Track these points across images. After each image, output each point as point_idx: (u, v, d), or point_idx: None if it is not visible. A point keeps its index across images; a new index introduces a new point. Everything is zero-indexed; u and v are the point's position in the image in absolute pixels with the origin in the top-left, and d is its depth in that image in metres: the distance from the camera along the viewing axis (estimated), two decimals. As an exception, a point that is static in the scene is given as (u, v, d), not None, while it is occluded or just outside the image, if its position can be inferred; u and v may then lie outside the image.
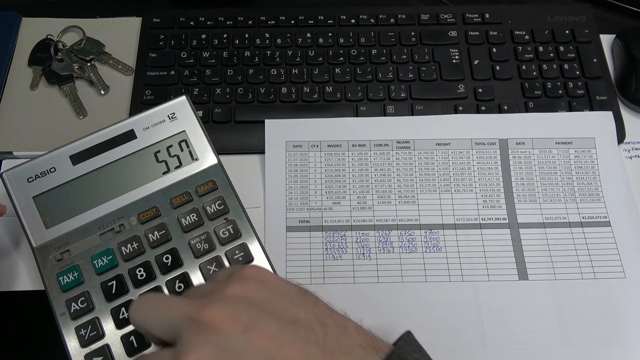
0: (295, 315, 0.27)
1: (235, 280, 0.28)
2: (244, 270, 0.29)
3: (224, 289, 0.28)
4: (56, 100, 0.49)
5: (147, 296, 0.29)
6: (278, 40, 0.51)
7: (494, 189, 0.45)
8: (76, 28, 0.53)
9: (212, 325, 0.25)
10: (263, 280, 0.29)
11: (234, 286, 0.28)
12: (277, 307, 0.27)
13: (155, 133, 0.40)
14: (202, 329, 0.25)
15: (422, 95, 0.49)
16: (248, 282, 0.28)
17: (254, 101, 0.48)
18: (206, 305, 0.26)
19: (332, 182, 0.45)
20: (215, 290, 0.28)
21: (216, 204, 0.38)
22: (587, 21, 0.52)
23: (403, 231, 0.43)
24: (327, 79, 0.49)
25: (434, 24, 0.52)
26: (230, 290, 0.27)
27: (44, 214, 0.37)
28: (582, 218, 0.44)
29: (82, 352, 0.34)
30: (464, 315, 0.40)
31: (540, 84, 0.49)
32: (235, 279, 0.28)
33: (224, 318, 0.26)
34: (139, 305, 0.28)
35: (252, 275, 0.29)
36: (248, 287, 0.28)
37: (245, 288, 0.28)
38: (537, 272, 0.42)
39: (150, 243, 0.37)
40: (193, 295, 0.29)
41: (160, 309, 0.27)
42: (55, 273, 0.36)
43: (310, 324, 0.27)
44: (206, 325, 0.25)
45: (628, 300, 0.41)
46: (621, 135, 0.47)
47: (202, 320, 0.26)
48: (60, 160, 0.38)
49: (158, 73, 0.50)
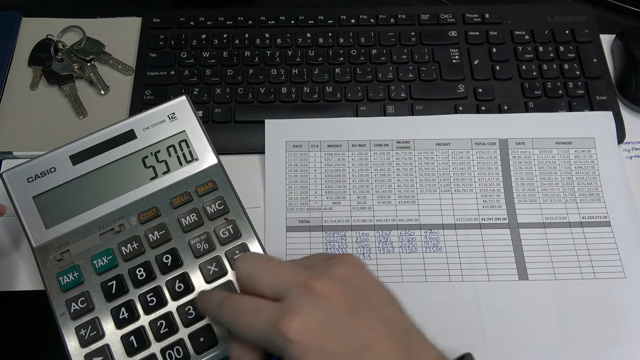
0: (388, 315, 0.28)
1: (340, 263, 0.29)
2: (345, 256, 0.30)
3: (331, 267, 0.28)
4: (56, 100, 0.49)
5: (255, 255, 0.30)
6: (278, 40, 0.51)
7: (494, 189, 0.45)
8: (76, 28, 0.53)
9: (324, 296, 0.26)
10: (363, 271, 0.29)
11: (340, 267, 0.28)
12: (374, 300, 0.28)
13: (155, 133, 0.40)
14: (313, 295, 0.26)
15: (422, 95, 0.49)
16: (352, 268, 0.29)
17: (254, 101, 0.48)
18: (318, 276, 0.27)
19: (332, 182, 0.45)
20: (322, 266, 0.29)
21: (216, 204, 0.38)
22: (587, 21, 0.52)
23: (403, 231, 0.43)
24: (327, 79, 0.49)
25: (434, 24, 0.52)
26: (337, 269, 0.28)
27: (44, 214, 0.37)
28: (582, 218, 0.44)
29: (82, 352, 0.34)
30: (464, 315, 0.40)
31: (540, 84, 0.49)
32: (339, 262, 0.29)
33: (335, 293, 0.26)
34: (248, 263, 0.29)
35: (354, 264, 0.29)
36: (352, 272, 0.28)
37: (352, 273, 0.28)
38: (537, 272, 0.42)
39: (150, 243, 0.37)
40: (299, 264, 0.29)
41: (272, 269, 0.28)
42: (55, 273, 0.36)
43: (399, 328, 0.28)
44: (318, 293, 0.26)
45: (628, 300, 0.41)
46: (621, 135, 0.47)
47: (315, 288, 0.26)
48: (60, 160, 0.38)
49: (158, 73, 0.50)
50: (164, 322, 0.35)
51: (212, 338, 0.35)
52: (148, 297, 0.36)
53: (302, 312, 0.26)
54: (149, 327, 0.35)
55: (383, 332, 0.26)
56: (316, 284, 0.27)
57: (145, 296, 0.36)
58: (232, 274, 0.37)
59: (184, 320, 0.35)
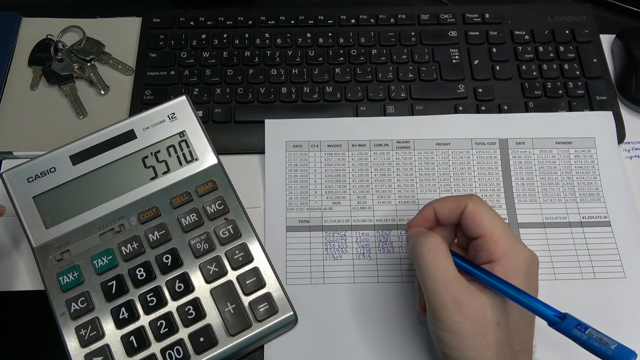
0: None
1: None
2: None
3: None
4: (56, 100, 0.50)
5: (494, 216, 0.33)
6: (278, 40, 0.51)
7: (494, 189, 0.45)
8: (76, 28, 0.53)
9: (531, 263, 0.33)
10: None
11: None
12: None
13: (155, 133, 0.40)
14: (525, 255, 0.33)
15: (422, 95, 0.49)
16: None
17: (254, 101, 0.48)
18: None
19: (332, 182, 0.45)
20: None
21: (216, 204, 0.38)
22: (587, 21, 0.52)
23: (403, 231, 0.43)
24: (327, 79, 0.49)
25: (434, 24, 0.52)
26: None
27: (44, 214, 0.37)
28: (582, 218, 0.44)
29: (82, 352, 0.34)
30: (464, 315, 0.40)
31: (540, 84, 0.49)
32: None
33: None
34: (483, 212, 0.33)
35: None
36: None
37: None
38: (537, 272, 0.42)
39: (150, 243, 0.37)
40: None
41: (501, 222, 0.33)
42: (55, 273, 0.36)
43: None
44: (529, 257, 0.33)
45: (628, 300, 0.41)
46: (621, 135, 0.47)
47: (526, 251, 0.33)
48: (60, 160, 0.38)
49: (158, 73, 0.50)
50: (164, 322, 0.35)
51: (212, 338, 0.35)
52: (148, 297, 0.36)
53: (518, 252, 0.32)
54: (149, 327, 0.35)
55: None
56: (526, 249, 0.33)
57: (145, 296, 0.36)
58: (232, 274, 0.37)
59: (184, 320, 0.35)
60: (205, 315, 0.36)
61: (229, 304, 0.36)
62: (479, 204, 0.33)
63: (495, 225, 0.32)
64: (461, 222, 0.33)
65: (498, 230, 0.32)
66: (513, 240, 0.32)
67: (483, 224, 0.32)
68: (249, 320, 0.36)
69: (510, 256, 0.31)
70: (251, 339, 0.36)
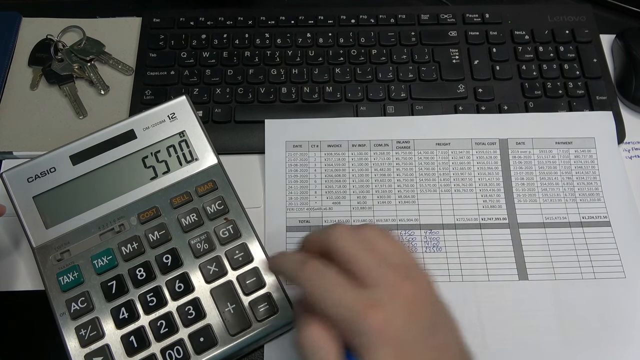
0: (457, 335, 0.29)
1: (421, 276, 0.29)
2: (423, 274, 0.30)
3: (416, 277, 0.29)
4: (56, 100, 0.49)
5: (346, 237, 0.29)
6: (278, 40, 0.51)
7: (494, 189, 0.45)
8: (76, 28, 0.53)
9: (410, 301, 0.27)
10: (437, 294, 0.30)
11: (424, 281, 0.29)
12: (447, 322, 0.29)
13: (155, 133, 0.40)
14: (400, 296, 0.27)
15: (422, 95, 0.49)
16: (430, 287, 0.29)
17: (254, 101, 0.48)
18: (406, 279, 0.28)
19: (332, 182, 0.45)
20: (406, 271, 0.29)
21: (216, 204, 0.38)
22: (587, 21, 0.52)
23: (403, 231, 0.43)
24: (327, 79, 0.49)
25: (434, 24, 0.52)
26: (422, 283, 0.29)
27: (44, 214, 0.37)
28: (582, 218, 0.44)
29: (82, 352, 0.34)
30: (464, 316, 0.40)
31: (540, 84, 0.49)
32: (420, 276, 0.29)
33: (420, 302, 0.28)
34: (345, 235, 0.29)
35: (431, 284, 0.30)
36: (432, 291, 0.29)
37: (431, 291, 0.29)
38: (537, 272, 0.42)
39: (150, 243, 0.37)
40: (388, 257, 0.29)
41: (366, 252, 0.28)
42: (55, 273, 0.36)
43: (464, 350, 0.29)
44: (405, 296, 0.27)
45: (628, 300, 0.41)
46: (621, 135, 0.47)
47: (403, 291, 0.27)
48: (60, 160, 0.38)
49: (158, 73, 0.49)
50: (164, 322, 0.35)
51: (212, 338, 0.35)
52: (148, 297, 0.36)
53: (388, 308, 0.26)
54: (149, 327, 0.35)
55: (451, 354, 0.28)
56: (405, 286, 0.27)
57: (145, 296, 0.36)
58: (232, 274, 0.37)
59: (184, 320, 0.35)
60: (205, 315, 0.36)
61: (229, 304, 0.36)
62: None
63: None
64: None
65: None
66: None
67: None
68: (249, 320, 0.36)
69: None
70: (251, 339, 0.36)
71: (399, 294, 0.27)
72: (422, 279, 0.29)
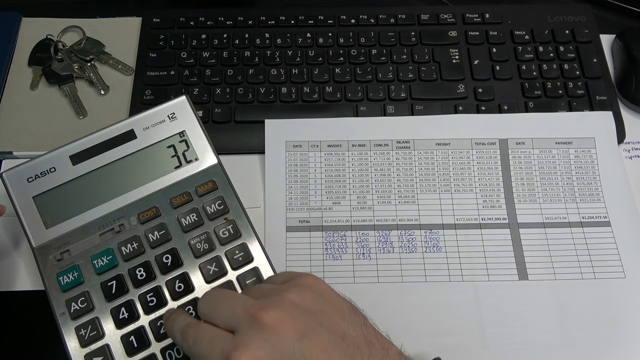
0: (345, 331, 0.28)
1: (294, 287, 0.30)
2: (302, 278, 0.31)
3: (283, 293, 0.29)
4: (56, 100, 0.49)
5: (214, 290, 0.32)
6: (278, 40, 0.51)
7: (494, 189, 0.45)
8: (76, 28, 0.53)
9: (271, 326, 0.27)
10: (320, 291, 0.30)
11: (293, 292, 0.29)
12: (330, 320, 0.29)
13: (155, 133, 0.40)
14: (262, 328, 0.27)
15: (422, 95, 0.49)
16: (306, 291, 0.30)
17: (254, 101, 0.48)
18: (267, 307, 0.28)
19: (332, 182, 0.45)
20: (275, 293, 0.29)
21: (216, 204, 0.38)
22: (587, 21, 0.52)
23: (403, 231, 0.43)
24: (327, 79, 0.49)
25: (434, 24, 0.52)
26: (289, 295, 0.29)
27: (44, 214, 0.37)
28: (582, 218, 0.44)
29: (82, 352, 0.34)
30: (464, 316, 0.40)
31: (540, 84, 0.49)
32: (294, 285, 0.30)
33: (283, 322, 0.27)
34: (207, 299, 0.31)
35: (310, 285, 0.30)
36: (306, 295, 0.29)
37: (304, 297, 0.29)
38: (537, 272, 0.42)
39: (150, 243, 0.37)
40: (253, 294, 0.30)
41: (225, 303, 0.30)
42: (55, 273, 0.36)
43: (358, 342, 0.28)
44: (266, 325, 0.27)
45: (628, 300, 0.41)
46: (621, 135, 0.47)
47: (263, 320, 0.27)
48: (60, 160, 0.38)
49: (158, 73, 0.50)
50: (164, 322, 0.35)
51: (212, 338, 0.35)
52: (148, 297, 0.36)
53: (251, 345, 0.27)
54: (149, 327, 0.35)
55: (337, 350, 0.27)
56: (264, 315, 0.27)
57: (145, 296, 0.36)
58: (232, 274, 0.37)
59: (184, 320, 0.35)
60: None
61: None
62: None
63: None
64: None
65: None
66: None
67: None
68: (249, 320, 0.36)
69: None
70: (251, 339, 0.36)
71: (259, 325, 0.27)
72: (291, 294, 0.29)
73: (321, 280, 0.31)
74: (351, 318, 0.30)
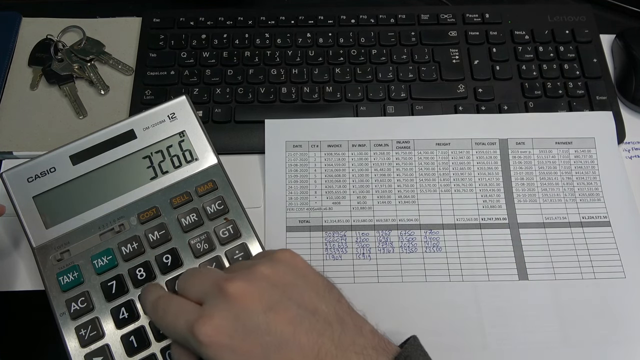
0: (317, 306, 0.28)
1: (267, 261, 0.30)
2: (277, 253, 0.31)
3: (255, 266, 0.29)
4: (56, 100, 0.49)
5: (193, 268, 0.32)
6: (278, 40, 0.51)
7: (494, 189, 0.45)
8: (76, 28, 0.53)
9: (237, 297, 0.27)
10: (294, 265, 0.30)
11: (264, 265, 0.29)
12: (301, 294, 0.28)
13: (155, 133, 0.40)
14: (226, 298, 0.27)
15: (422, 95, 0.49)
16: (278, 264, 0.29)
17: (254, 101, 0.48)
18: (234, 278, 0.28)
19: (332, 182, 0.45)
20: (247, 266, 0.30)
21: (216, 204, 0.38)
22: (587, 21, 0.52)
23: (403, 231, 0.43)
24: (327, 79, 0.49)
25: (434, 24, 0.52)
26: (259, 268, 0.29)
27: (44, 214, 0.37)
28: (582, 218, 0.44)
29: (82, 352, 0.34)
30: (464, 316, 0.40)
31: (540, 84, 0.49)
32: (268, 260, 0.30)
33: (249, 293, 0.27)
34: (184, 275, 0.32)
35: (284, 259, 0.30)
36: (278, 268, 0.29)
37: (275, 270, 0.29)
38: (537, 272, 0.42)
39: (150, 243, 0.37)
40: (228, 269, 0.31)
41: (199, 277, 0.30)
42: (55, 273, 0.36)
43: (329, 319, 0.28)
44: (231, 295, 0.27)
45: (628, 300, 0.41)
46: (621, 135, 0.47)
47: (227, 290, 0.27)
48: (60, 160, 0.38)
49: (158, 73, 0.50)
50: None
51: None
52: (148, 297, 0.36)
53: (214, 314, 0.27)
54: (149, 327, 0.35)
55: (305, 324, 0.27)
56: (230, 286, 0.28)
57: (145, 296, 0.36)
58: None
59: (184, 320, 0.35)
60: None
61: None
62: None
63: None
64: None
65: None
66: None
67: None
68: (249, 320, 0.36)
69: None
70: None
71: (224, 295, 0.27)
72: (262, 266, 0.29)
73: (297, 256, 0.31)
74: (325, 294, 0.29)
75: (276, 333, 0.27)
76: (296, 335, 0.27)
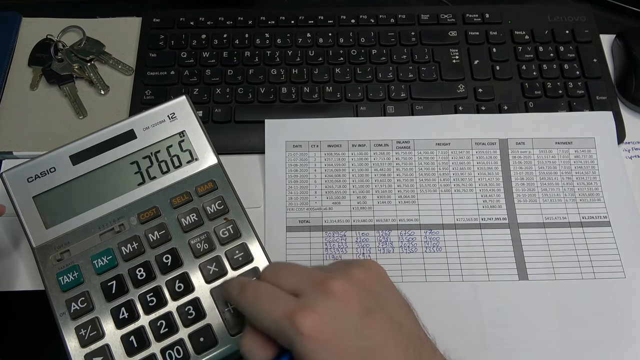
0: (403, 321, 0.28)
1: (357, 267, 0.29)
2: (366, 261, 0.30)
3: (349, 269, 0.29)
4: (56, 100, 0.49)
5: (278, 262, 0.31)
6: (278, 40, 0.51)
7: (494, 189, 0.45)
8: (76, 28, 0.53)
9: (338, 295, 0.27)
10: (383, 276, 0.30)
11: (357, 270, 0.29)
12: (389, 304, 0.28)
13: (155, 133, 0.40)
14: (329, 294, 0.27)
15: (422, 95, 0.49)
16: (369, 272, 0.29)
17: (254, 101, 0.48)
18: (335, 277, 0.28)
19: (332, 182, 0.45)
20: (340, 268, 0.29)
21: (216, 204, 0.38)
22: (587, 21, 0.52)
23: (403, 231, 0.43)
24: (327, 79, 0.49)
25: (434, 24, 0.52)
26: (354, 272, 0.29)
27: (44, 214, 0.37)
28: (582, 218, 0.44)
29: (82, 352, 0.34)
30: (464, 316, 0.40)
31: (540, 84, 0.49)
32: (357, 265, 0.30)
33: (351, 294, 0.27)
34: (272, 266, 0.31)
35: (373, 268, 0.30)
36: (369, 276, 0.29)
37: (368, 277, 0.29)
38: (537, 272, 0.42)
39: (150, 243, 0.37)
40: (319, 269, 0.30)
41: (291, 270, 0.29)
42: (55, 273, 0.36)
43: (412, 335, 0.28)
44: (334, 292, 0.27)
45: (628, 300, 0.41)
46: (621, 135, 0.47)
47: (330, 287, 0.27)
48: (60, 160, 0.38)
49: (158, 73, 0.50)
50: (164, 322, 0.35)
51: (212, 338, 0.35)
52: (148, 297, 0.36)
53: (317, 309, 0.26)
54: (149, 327, 0.35)
55: (394, 336, 0.27)
56: (332, 283, 0.27)
57: (145, 296, 0.36)
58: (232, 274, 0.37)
59: (184, 320, 0.35)
60: (205, 315, 0.36)
61: (229, 304, 0.36)
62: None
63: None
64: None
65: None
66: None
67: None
68: (249, 320, 0.36)
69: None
70: (251, 339, 0.36)
71: (326, 292, 0.27)
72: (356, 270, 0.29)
73: (382, 268, 0.31)
74: (408, 310, 0.29)
75: (370, 338, 0.26)
76: (387, 345, 0.27)
